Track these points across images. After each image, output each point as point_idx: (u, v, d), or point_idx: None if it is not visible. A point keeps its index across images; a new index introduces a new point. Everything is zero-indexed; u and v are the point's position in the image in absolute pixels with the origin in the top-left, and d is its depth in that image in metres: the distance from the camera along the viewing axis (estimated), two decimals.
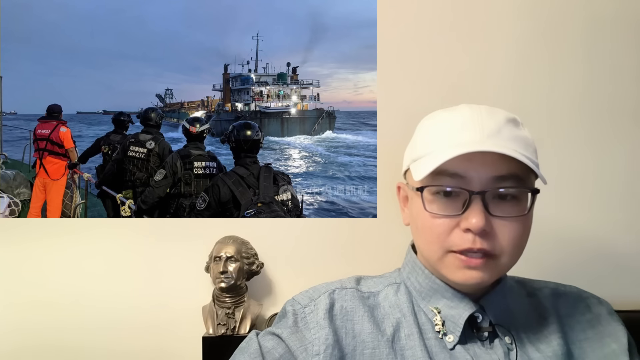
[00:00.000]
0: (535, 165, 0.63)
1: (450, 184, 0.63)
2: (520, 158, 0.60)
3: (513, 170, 0.62)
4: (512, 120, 0.66)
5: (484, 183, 0.62)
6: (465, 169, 0.62)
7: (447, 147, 0.62)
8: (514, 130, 0.64)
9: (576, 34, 1.32)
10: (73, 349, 1.29)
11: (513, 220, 0.63)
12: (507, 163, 0.62)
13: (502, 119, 0.64)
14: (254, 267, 1.23)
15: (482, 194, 0.62)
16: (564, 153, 1.31)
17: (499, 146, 0.60)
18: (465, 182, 0.63)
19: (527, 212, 0.64)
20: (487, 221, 0.61)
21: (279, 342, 0.68)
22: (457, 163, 0.62)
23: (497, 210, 0.62)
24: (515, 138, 0.63)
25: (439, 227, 0.64)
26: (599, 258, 1.29)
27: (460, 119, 0.65)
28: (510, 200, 0.63)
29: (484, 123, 0.63)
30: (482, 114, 0.65)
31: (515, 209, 0.63)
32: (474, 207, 0.61)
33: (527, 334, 0.69)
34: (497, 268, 0.64)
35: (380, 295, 0.72)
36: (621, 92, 1.31)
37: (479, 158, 0.62)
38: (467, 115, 0.65)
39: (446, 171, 0.63)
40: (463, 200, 0.63)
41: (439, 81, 1.31)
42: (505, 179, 0.62)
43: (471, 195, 0.62)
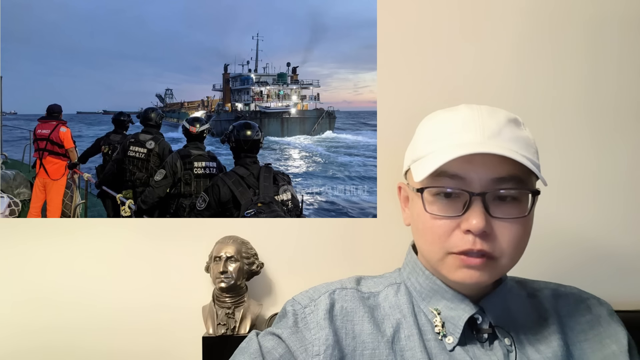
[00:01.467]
0: (536, 166, 0.63)
1: (450, 185, 0.63)
2: (521, 160, 0.60)
3: (513, 171, 0.62)
4: (513, 120, 0.65)
5: (484, 184, 0.62)
6: (465, 170, 0.62)
7: (447, 148, 0.62)
8: (514, 131, 0.64)
9: (579, 33, 1.32)
10: (73, 349, 1.29)
11: (513, 221, 0.63)
12: (507, 164, 0.61)
13: (502, 120, 0.64)
14: (254, 267, 1.23)
15: (483, 195, 0.62)
16: (566, 153, 1.30)
17: (499, 147, 0.60)
18: (465, 183, 0.62)
19: (527, 214, 0.63)
20: (487, 222, 0.61)
21: (279, 342, 0.68)
22: (457, 164, 0.61)
23: (497, 212, 0.62)
24: (516, 139, 0.63)
25: (440, 228, 0.64)
26: (600, 258, 1.29)
27: (461, 120, 0.65)
28: (510, 202, 0.63)
29: (485, 123, 0.63)
30: (483, 114, 0.65)
31: (516, 210, 0.63)
32: (474, 209, 0.61)
33: (527, 335, 0.69)
34: (496, 269, 0.64)
35: (381, 295, 0.72)
36: (624, 93, 1.31)
37: (479, 159, 0.62)
38: (468, 116, 0.65)
39: (446, 172, 0.63)
40: (463, 202, 0.62)
41: (440, 81, 1.31)
42: (506, 181, 0.62)
43: (471, 197, 0.62)
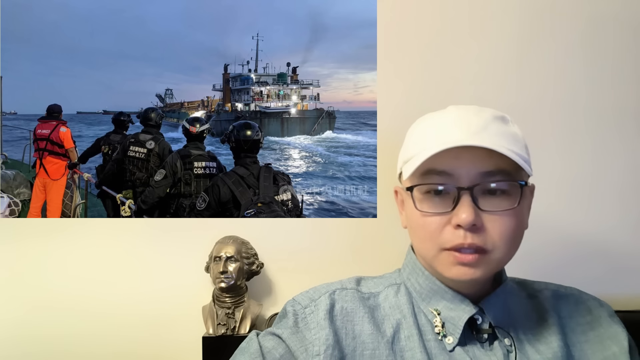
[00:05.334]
0: (525, 160, 0.63)
1: (439, 182, 0.64)
2: (506, 152, 0.60)
3: (501, 165, 0.62)
4: (500, 117, 0.66)
5: (472, 179, 0.63)
6: (453, 166, 0.63)
7: (433, 146, 0.63)
8: (501, 127, 0.65)
9: (577, 33, 1.32)
10: (73, 349, 1.29)
11: (503, 214, 0.63)
12: (494, 158, 0.62)
13: (489, 117, 0.65)
14: (254, 267, 1.23)
15: (471, 189, 0.62)
16: (565, 153, 1.30)
17: (484, 141, 0.61)
18: (454, 179, 0.63)
19: (517, 205, 0.64)
20: (476, 216, 0.62)
21: (280, 343, 0.68)
22: (445, 161, 0.62)
23: (486, 205, 0.63)
24: (502, 134, 0.64)
25: (431, 225, 0.64)
26: (600, 258, 1.29)
27: (447, 119, 0.66)
28: (500, 195, 0.64)
29: (471, 121, 0.64)
30: (469, 112, 0.66)
31: (505, 202, 0.63)
32: (463, 203, 0.62)
33: (527, 336, 0.69)
34: (490, 264, 0.64)
35: (381, 296, 0.72)
36: (622, 93, 1.31)
37: (466, 155, 0.62)
38: (455, 115, 0.66)
39: (434, 170, 0.64)
40: (453, 197, 0.63)
41: (439, 81, 1.31)
42: (494, 174, 0.63)
43: (460, 192, 0.62)
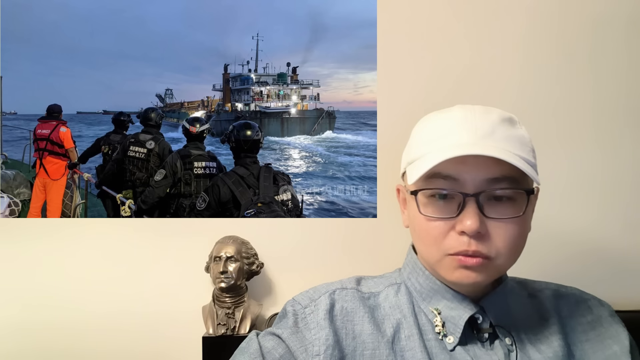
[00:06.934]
0: (531, 165, 0.62)
1: (444, 187, 0.63)
2: (513, 161, 0.59)
3: (507, 172, 0.62)
4: (507, 119, 0.65)
5: (477, 185, 0.62)
6: (459, 171, 0.62)
7: (439, 150, 0.62)
8: (508, 130, 0.64)
9: (583, 31, 1.31)
10: (73, 349, 1.29)
11: (508, 221, 0.62)
12: (501, 165, 0.61)
13: (496, 119, 0.64)
14: (254, 267, 1.23)
15: (476, 196, 0.61)
16: (569, 153, 1.30)
17: (491, 148, 0.60)
18: (459, 184, 0.62)
19: (522, 213, 0.63)
20: (481, 223, 0.61)
21: (279, 343, 0.68)
22: (450, 166, 0.61)
23: (492, 212, 0.62)
24: (509, 138, 0.63)
25: (435, 230, 0.64)
26: (601, 258, 1.29)
27: (454, 121, 0.65)
28: (505, 202, 0.63)
29: (477, 124, 0.63)
30: (476, 114, 0.64)
31: (511, 210, 0.62)
32: (468, 210, 0.61)
33: (527, 335, 0.69)
34: (493, 269, 0.64)
35: (381, 295, 0.72)
36: (628, 93, 1.30)
37: (472, 160, 0.61)
38: (461, 117, 0.65)
39: (440, 174, 0.63)
40: (458, 203, 0.62)
41: (440, 81, 1.31)
42: (500, 181, 0.62)
43: (465, 198, 0.61)
